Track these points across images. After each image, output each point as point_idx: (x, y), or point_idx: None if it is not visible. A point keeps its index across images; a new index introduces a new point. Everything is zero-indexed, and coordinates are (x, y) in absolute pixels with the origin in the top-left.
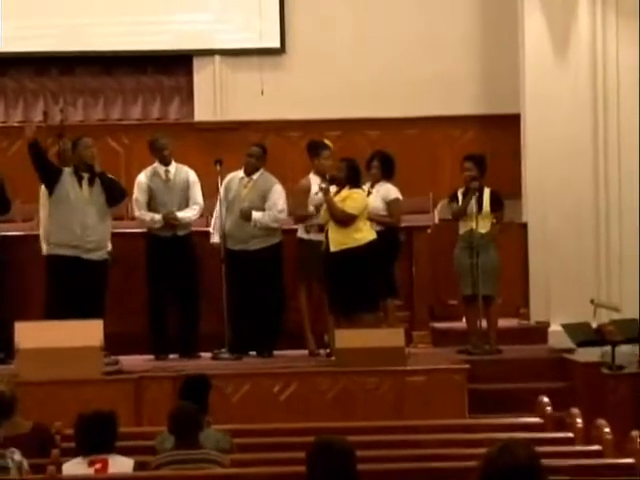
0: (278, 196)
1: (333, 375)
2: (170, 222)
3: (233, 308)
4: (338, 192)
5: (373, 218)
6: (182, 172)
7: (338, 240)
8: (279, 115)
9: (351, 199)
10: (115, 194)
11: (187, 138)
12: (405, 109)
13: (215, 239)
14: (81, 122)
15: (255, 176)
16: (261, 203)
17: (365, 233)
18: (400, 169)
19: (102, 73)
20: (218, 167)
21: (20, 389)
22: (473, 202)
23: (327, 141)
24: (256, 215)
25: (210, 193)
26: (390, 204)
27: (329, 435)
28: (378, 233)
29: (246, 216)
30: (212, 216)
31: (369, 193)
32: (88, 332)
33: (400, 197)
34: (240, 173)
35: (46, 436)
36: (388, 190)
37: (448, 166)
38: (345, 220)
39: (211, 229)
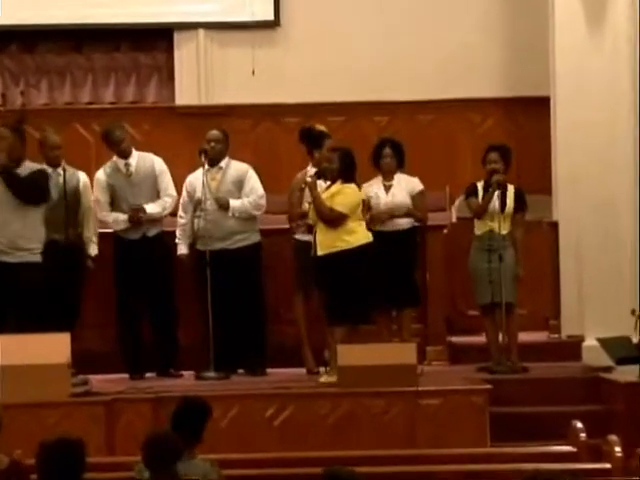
0: (255, 180)
1: (335, 397)
2: (137, 219)
3: (216, 318)
4: (329, 187)
5: (410, 213)
6: (145, 162)
7: (326, 243)
8: (273, 98)
9: (342, 195)
10: (25, 193)
11: (167, 124)
12: (418, 91)
13: (183, 250)
14: (45, 106)
15: (222, 164)
16: (238, 192)
17: (359, 235)
18: (412, 160)
19: (69, 50)
20: (203, 158)
21: None
22: (495, 199)
23: (322, 127)
24: (234, 203)
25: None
26: (416, 198)
27: (337, 467)
28: (399, 232)
29: (224, 205)
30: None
31: (388, 187)
32: (52, 347)
33: (424, 189)
34: (199, 171)
35: (21, 476)
36: (411, 182)
37: (467, 156)
38: (333, 220)
39: (177, 240)
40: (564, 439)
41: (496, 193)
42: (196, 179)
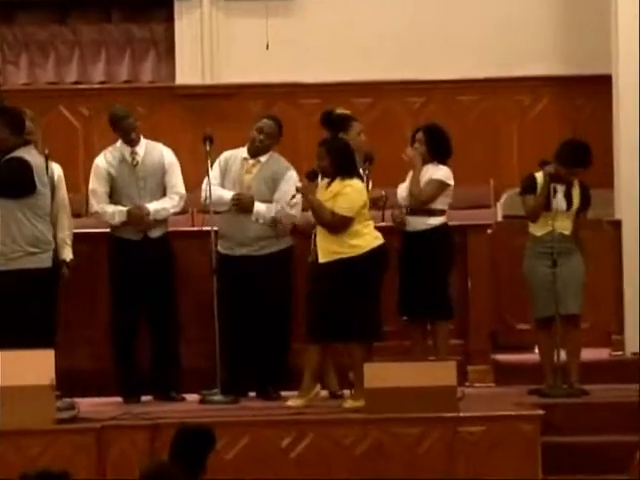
0: (292, 185)
1: (362, 424)
2: (139, 221)
3: (228, 334)
4: (330, 184)
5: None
6: (154, 153)
7: (329, 248)
8: (289, 76)
9: (342, 196)
10: None
11: (165, 107)
12: (458, 68)
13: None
14: (25, 86)
15: (263, 158)
16: (270, 193)
17: (367, 238)
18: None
19: (53, 21)
20: (208, 146)
21: None
22: (560, 196)
23: (345, 110)
24: (260, 207)
25: (197, 181)
26: (427, 183)
27: None
28: (430, 231)
29: (247, 206)
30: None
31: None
32: (34, 366)
33: (448, 182)
34: (242, 152)
35: None
36: (436, 171)
37: (515, 144)
38: (337, 225)
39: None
40: (626, 473)
41: (558, 187)
42: (234, 157)
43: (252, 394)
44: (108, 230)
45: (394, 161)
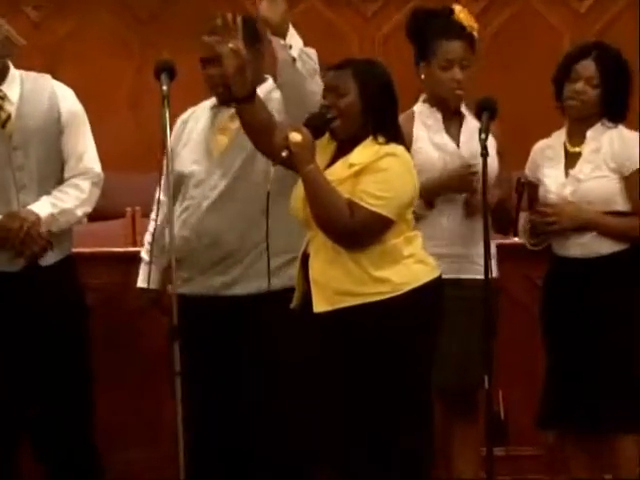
0: None
1: None
2: (16, 240)
3: (204, 442)
4: (342, 153)
5: (599, 222)
6: (39, 95)
7: (334, 286)
8: None
9: (376, 174)
10: None
11: (80, 11)
12: None
13: (142, 283)
14: None
15: None
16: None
17: (410, 265)
18: None
19: None
20: (164, 84)
21: None
22: None
23: (462, 11)
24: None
25: (143, 150)
26: (633, 181)
27: None
28: (613, 258)
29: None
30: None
31: (573, 159)
32: None
33: None
34: (208, 103)
35: None
36: (627, 147)
37: None
38: (357, 234)
39: (142, 253)
40: None
41: None
42: (195, 119)
43: None
44: None
45: (536, 112)
